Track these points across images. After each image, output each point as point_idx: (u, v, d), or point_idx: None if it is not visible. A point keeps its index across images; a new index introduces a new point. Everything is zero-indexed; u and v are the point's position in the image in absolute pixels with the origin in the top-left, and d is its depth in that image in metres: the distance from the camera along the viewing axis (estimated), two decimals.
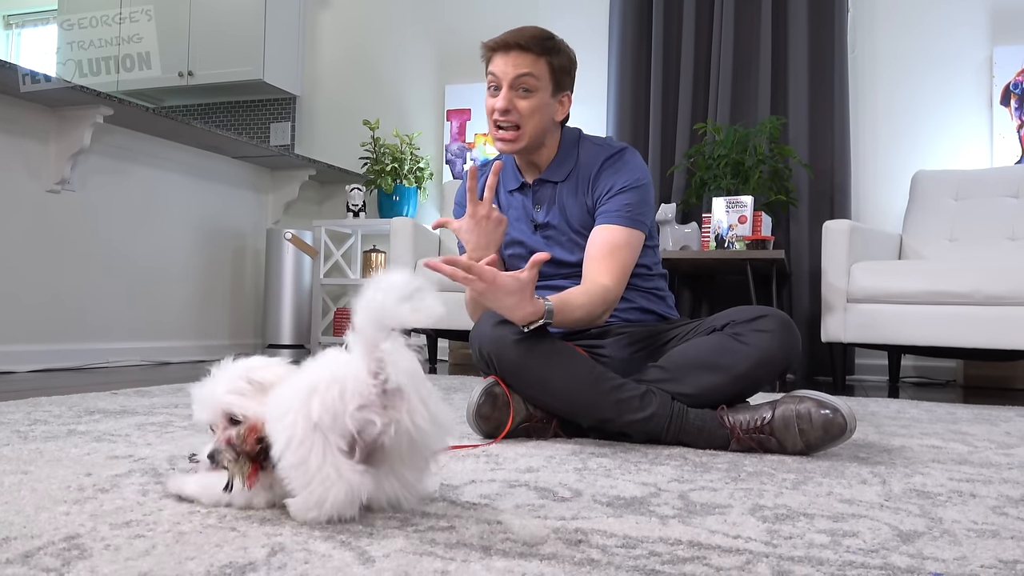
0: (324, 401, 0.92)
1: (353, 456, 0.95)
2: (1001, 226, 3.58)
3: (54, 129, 3.46)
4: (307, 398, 0.93)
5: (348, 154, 4.95)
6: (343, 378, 0.93)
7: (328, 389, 0.93)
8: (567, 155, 1.81)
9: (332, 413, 0.92)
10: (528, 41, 1.69)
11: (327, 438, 0.92)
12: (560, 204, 1.81)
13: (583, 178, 1.79)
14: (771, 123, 3.79)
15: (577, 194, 1.79)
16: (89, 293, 3.66)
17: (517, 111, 1.71)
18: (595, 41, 4.54)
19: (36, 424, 1.73)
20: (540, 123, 1.74)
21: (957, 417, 2.30)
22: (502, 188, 1.90)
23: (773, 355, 1.59)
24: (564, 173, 1.80)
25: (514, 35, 1.70)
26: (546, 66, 1.71)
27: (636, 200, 1.74)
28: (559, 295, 1.59)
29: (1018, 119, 3.85)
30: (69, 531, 0.92)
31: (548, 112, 1.75)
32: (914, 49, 4.07)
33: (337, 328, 4.65)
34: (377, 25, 5.10)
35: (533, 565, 0.83)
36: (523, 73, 1.69)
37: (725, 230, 3.52)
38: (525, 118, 1.71)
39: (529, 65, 1.69)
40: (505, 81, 1.70)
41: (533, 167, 1.84)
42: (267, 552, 0.85)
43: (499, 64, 1.71)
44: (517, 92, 1.71)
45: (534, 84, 1.70)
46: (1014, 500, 1.21)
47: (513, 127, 1.72)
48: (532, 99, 1.71)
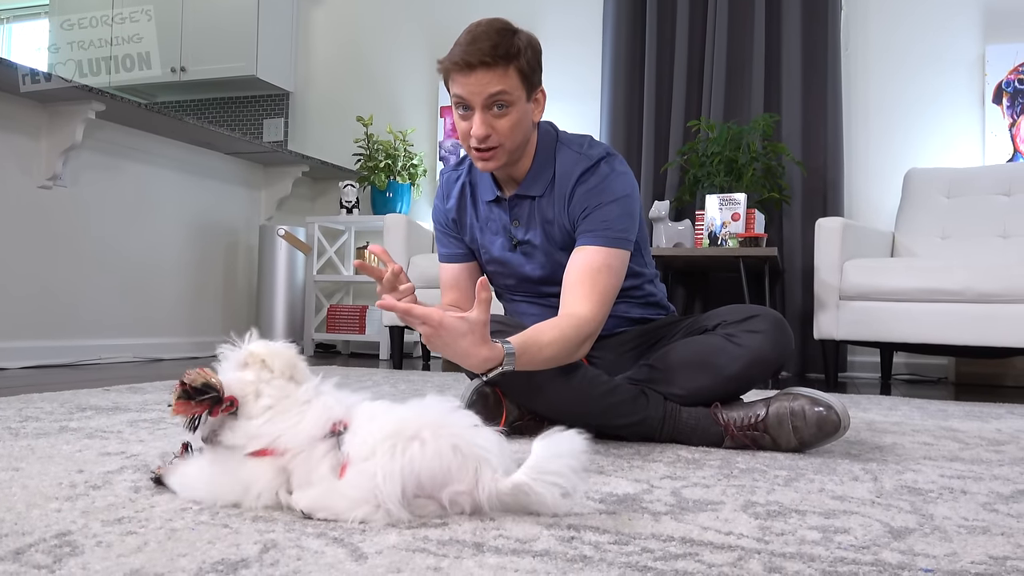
0: (432, 462, 0.96)
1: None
2: (993, 224, 3.59)
3: (45, 125, 3.44)
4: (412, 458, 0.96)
5: (341, 150, 4.94)
6: (448, 459, 0.97)
7: (434, 460, 0.96)
8: (544, 165, 1.65)
9: (431, 483, 0.97)
10: (491, 55, 1.48)
11: (406, 491, 0.95)
12: (540, 220, 1.67)
13: (560, 192, 1.64)
14: (764, 120, 3.80)
15: (555, 209, 1.65)
16: (81, 289, 3.65)
17: (496, 132, 1.53)
18: (589, 38, 4.54)
19: (28, 421, 1.73)
20: (522, 134, 1.58)
21: (948, 414, 2.31)
22: (479, 199, 1.75)
23: (765, 355, 1.58)
24: (542, 187, 1.65)
25: (473, 51, 1.48)
26: (516, 74, 1.51)
27: (616, 215, 1.59)
28: (524, 334, 1.43)
29: (1010, 117, 3.87)
30: (61, 528, 0.91)
31: (527, 120, 1.58)
32: (907, 47, 4.08)
33: (330, 325, 4.64)
34: (370, 21, 5.09)
35: (526, 561, 0.83)
36: (495, 92, 1.49)
37: (718, 227, 3.52)
38: (505, 137, 1.54)
39: (498, 81, 1.49)
40: (476, 105, 1.51)
41: (510, 181, 1.69)
42: (259, 549, 0.85)
43: (464, 85, 1.50)
44: (492, 112, 1.52)
45: (508, 99, 1.51)
46: (1004, 497, 1.21)
47: (494, 147, 1.56)
48: (510, 115, 1.53)
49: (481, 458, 0.98)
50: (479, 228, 1.76)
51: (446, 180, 1.81)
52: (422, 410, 1.01)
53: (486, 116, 1.52)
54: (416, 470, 0.95)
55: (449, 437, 0.97)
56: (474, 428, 1.01)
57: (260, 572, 0.78)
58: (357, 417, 1.02)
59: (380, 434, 0.97)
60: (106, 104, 3.45)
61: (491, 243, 1.74)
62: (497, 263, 1.76)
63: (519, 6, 4.52)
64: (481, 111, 1.52)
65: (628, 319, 1.79)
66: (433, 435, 0.96)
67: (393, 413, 1.01)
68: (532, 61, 1.55)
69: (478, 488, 0.97)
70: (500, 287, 1.84)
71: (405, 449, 0.95)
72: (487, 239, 1.74)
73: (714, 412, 1.59)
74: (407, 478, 0.94)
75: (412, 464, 0.94)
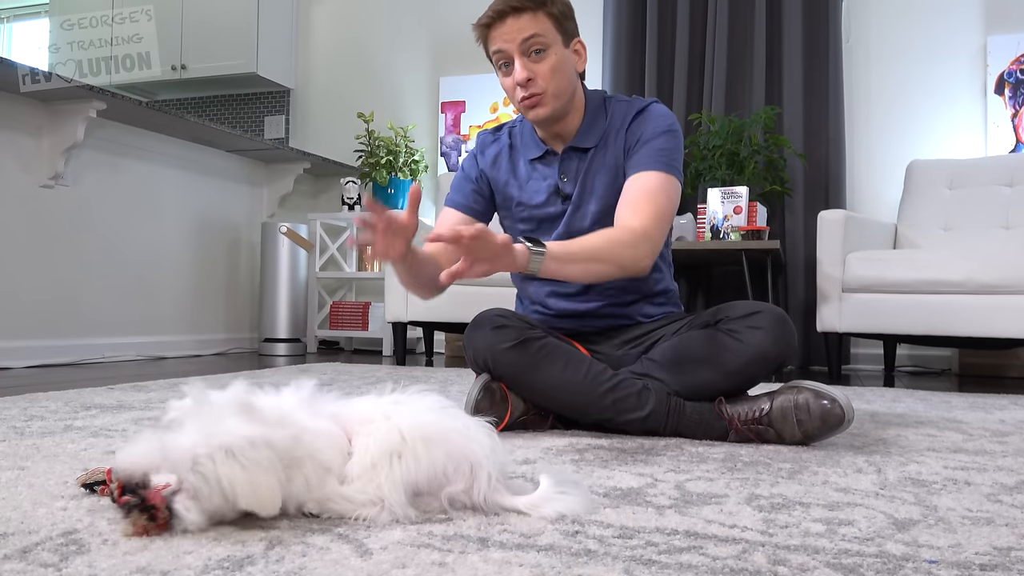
0: (428, 470, 0.98)
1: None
2: (995, 215, 3.58)
3: (47, 124, 3.44)
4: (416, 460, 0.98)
5: (343, 147, 4.93)
6: (456, 460, 0.99)
7: (436, 461, 0.98)
8: (595, 118, 1.69)
9: (428, 487, 0.99)
10: (519, 1, 1.55)
11: (409, 492, 0.97)
12: (591, 173, 1.68)
13: (615, 136, 1.67)
14: (766, 113, 3.79)
15: (611, 153, 1.67)
16: (84, 288, 3.65)
17: (538, 76, 1.58)
18: (589, 33, 4.52)
19: (33, 420, 1.73)
20: (565, 79, 1.61)
21: (952, 405, 2.31)
22: (519, 160, 1.76)
23: (767, 352, 1.58)
24: (596, 138, 1.68)
25: (500, 2, 1.57)
26: (547, 18, 1.57)
27: (670, 146, 1.62)
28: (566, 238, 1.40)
29: (1012, 108, 3.86)
30: (67, 526, 0.92)
31: (568, 66, 1.62)
32: (908, 38, 4.07)
33: (333, 322, 4.65)
34: (371, 17, 5.08)
35: (530, 556, 0.83)
36: (529, 36, 1.56)
37: (720, 221, 3.52)
38: (548, 80, 1.58)
39: (531, 25, 1.56)
40: (515, 51, 1.57)
41: (559, 138, 1.71)
42: (265, 546, 0.85)
43: (500, 37, 1.57)
44: (531, 57, 1.57)
45: (544, 42, 1.57)
46: (1008, 488, 1.21)
47: (539, 92, 1.59)
48: (549, 58, 1.58)
49: (475, 461, 1.00)
50: (517, 186, 1.76)
51: (482, 140, 1.84)
52: (418, 414, 1.02)
53: (525, 61, 1.57)
54: (414, 478, 0.97)
55: (443, 444, 0.99)
56: (465, 429, 1.02)
57: (265, 569, 0.78)
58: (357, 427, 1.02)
59: (377, 446, 0.98)
60: (107, 103, 3.45)
61: (531, 199, 1.74)
62: (536, 221, 1.75)
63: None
64: (519, 57, 1.57)
65: (641, 314, 1.78)
66: (428, 443, 0.98)
67: (389, 423, 1.01)
68: (565, 9, 1.62)
69: (474, 489, 0.99)
70: None
71: (403, 460, 0.97)
72: (526, 196, 1.74)
73: (718, 406, 1.59)
74: (408, 485, 0.97)
75: (410, 473, 0.97)
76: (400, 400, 1.06)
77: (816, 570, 0.81)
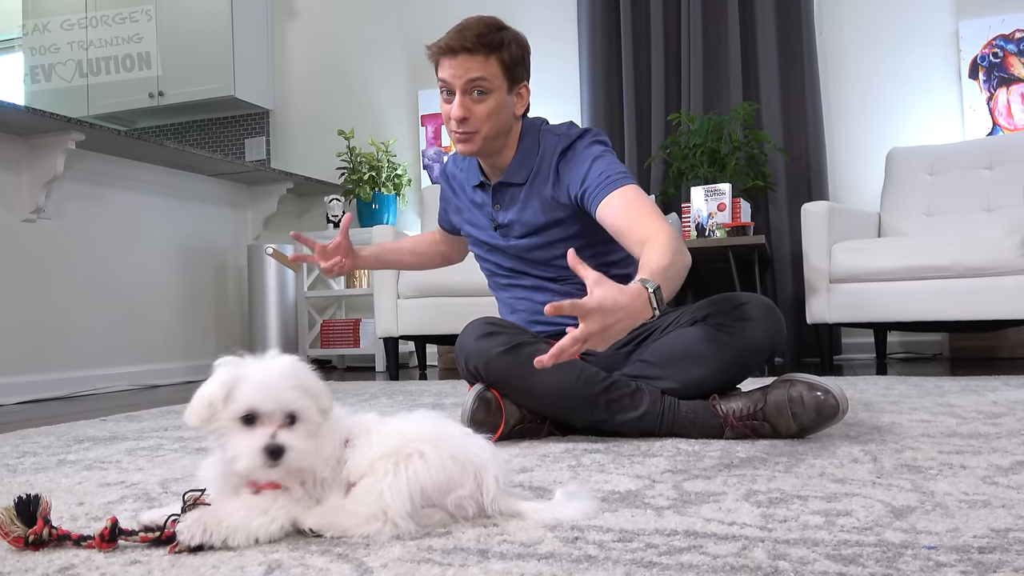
0: (436, 473, 0.97)
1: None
2: (976, 198, 3.61)
3: (25, 158, 3.42)
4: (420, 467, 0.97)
5: (325, 165, 4.93)
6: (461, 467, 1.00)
7: (441, 469, 0.98)
8: (528, 153, 1.75)
9: (436, 493, 0.98)
10: (474, 42, 1.61)
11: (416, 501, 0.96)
12: (522, 206, 1.76)
13: (544, 173, 1.73)
14: (744, 109, 3.81)
15: (539, 189, 1.73)
16: (72, 321, 3.63)
17: (474, 117, 1.65)
18: (565, 36, 4.55)
19: (25, 456, 1.72)
20: (500, 122, 1.68)
21: (945, 390, 2.32)
22: (466, 184, 1.87)
23: (758, 343, 1.59)
24: (525, 174, 1.74)
25: (458, 37, 1.62)
26: (497, 64, 1.64)
27: (607, 164, 1.64)
28: (642, 267, 1.35)
29: (987, 91, 3.89)
30: (63, 562, 0.91)
31: (507, 111, 1.69)
32: (880, 27, 4.10)
33: (324, 340, 4.63)
34: (346, 34, 5.09)
35: (531, 565, 0.83)
36: (475, 77, 1.62)
37: (705, 219, 3.53)
38: (482, 122, 1.66)
39: (479, 68, 1.62)
40: (457, 87, 1.63)
41: (495, 170, 1.79)
42: (264, 570, 0.85)
43: (448, 69, 1.63)
44: (471, 96, 1.64)
45: (488, 87, 1.63)
46: (1004, 469, 1.22)
47: (472, 131, 1.67)
48: (488, 102, 1.65)
49: (480, 464, 1.00)
50: (468, 211, 1.88)
51: (451, 161, 1.97)
52: (417, 423, 1.02)
53: (465, 100, 1.64)
54: (421, 484, 0.96)
55: (447, 448, 0.99)
56: (467, 437, 1.03)
57: None
58: (356, 433, 1.02)
59: (380, 452, 0.98)
60: (85, 133, 3.43)
61: (474, 227, 1.86)
62: (484, 246, 1.86)
63: (493, 9, 4.51)
64: (461, 94, 1.64)
65: None
66: (433, 447, 0.98)
67: (389, 428, 1.02)
68: (517, 56, 1.67)
69: (481, 492, 0.99)
70: (493, 273, 1.92)
71: (408, 464, 0.96)
72: (472, 221, 1.86)
73: (713, 404, 1.60)
74: (414, 492, 0.96)
75: (417, 478, 0.96)
76: (396, 416, 1.06)
77: (816, 562, 0.81)
